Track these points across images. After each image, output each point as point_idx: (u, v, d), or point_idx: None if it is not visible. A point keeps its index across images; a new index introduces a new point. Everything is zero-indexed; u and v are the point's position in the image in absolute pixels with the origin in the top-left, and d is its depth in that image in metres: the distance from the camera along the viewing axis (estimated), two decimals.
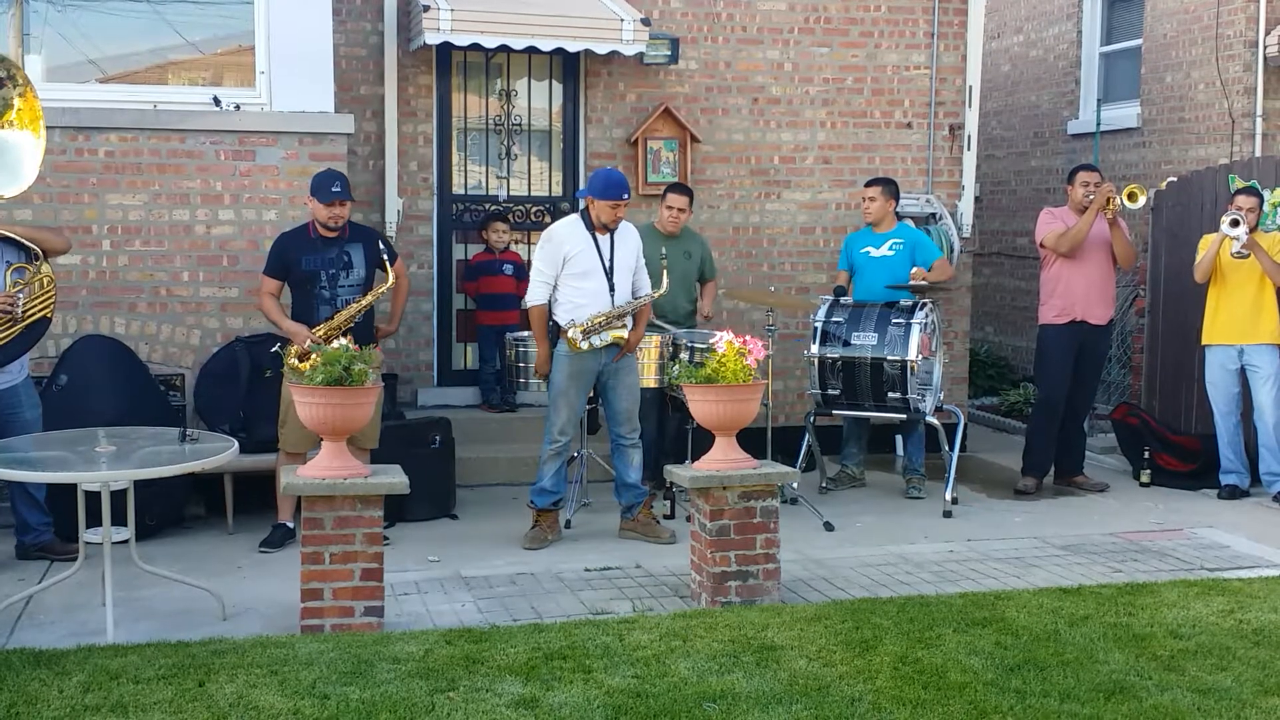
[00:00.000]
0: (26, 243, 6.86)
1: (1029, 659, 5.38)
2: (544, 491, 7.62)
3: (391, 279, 7.45)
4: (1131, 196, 8.98)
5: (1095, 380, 9.64)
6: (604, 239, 7.52)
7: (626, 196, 7.50)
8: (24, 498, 7.04)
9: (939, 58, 10.51)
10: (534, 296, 7.57)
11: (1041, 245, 9.11)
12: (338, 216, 7.30)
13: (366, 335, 7.32)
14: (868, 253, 9.00)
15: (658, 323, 8.40)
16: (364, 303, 7.36)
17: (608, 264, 7.52)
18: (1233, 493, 8.90)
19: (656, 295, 7.76)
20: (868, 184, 9.15)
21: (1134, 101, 12.58)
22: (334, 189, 7.28)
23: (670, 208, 8.69)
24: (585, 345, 7.44)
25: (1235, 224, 8.61)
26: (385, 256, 7.46)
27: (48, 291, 6.89)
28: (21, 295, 6.75)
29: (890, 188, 9.07)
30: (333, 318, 7.28)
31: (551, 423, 7.63)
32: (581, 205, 7.81)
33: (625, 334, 7.56)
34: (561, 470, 7.66)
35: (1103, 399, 11.39)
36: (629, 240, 7.66)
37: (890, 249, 8.94)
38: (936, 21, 10.48)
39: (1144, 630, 5.78)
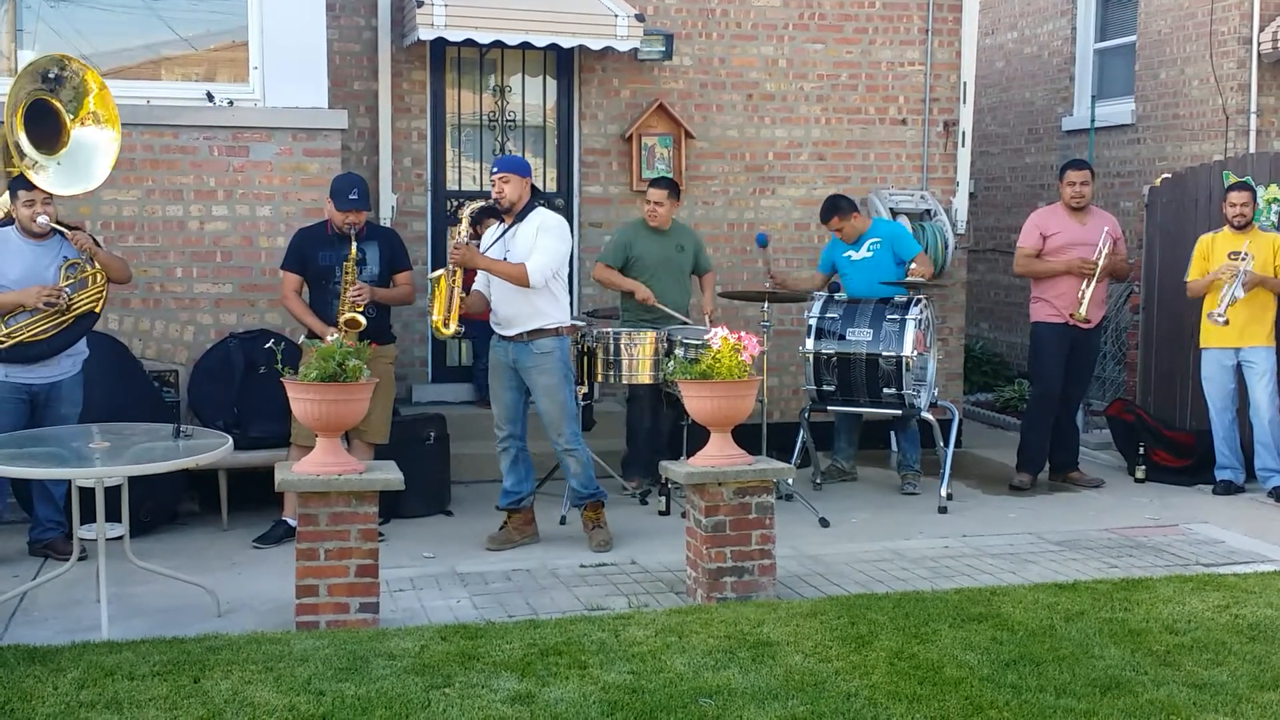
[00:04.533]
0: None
1: (1025, 654, 5.38)
2: (504, 491, 7.53)
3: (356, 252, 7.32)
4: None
5: (1089, 376, 9.67)
6: (506, 226, 7.31)
7: (496, 170, 7.29)
8: (40, 492, 7.06)
9: (933, 54, 10.51)
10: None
11: (1019, 248, 9.18)
12: (352, 223, 7.31)
13: (382, 332, 7.49)
14: (849, 257, 9.01)
15: (667, 310, 8.44)
16: (349, 279, 7.25)
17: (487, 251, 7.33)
18: (1227, 488, 8.91)
19: (528, 276, 7.20)
20: (839, 216, 8.95)
21: (1128, 98, 12.59)
22: (350, 196, 7.31)
23: (649, 202, 8.72)
24: (449, 330, 7.25)
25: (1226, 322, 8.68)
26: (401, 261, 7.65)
27: (99, 287, 6.98)
28: (69, 289, 6.84)
29: (853, 203, 9.08)
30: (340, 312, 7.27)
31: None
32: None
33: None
34: (517, 468, 7.48)
35: (1098, 395, 11.41)
36: (529, 226, 7.27)
37: (869, 250, 8.95)
38: (931, 18, 10.48)
39: (1140, 626, 5.78)
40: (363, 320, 7.15)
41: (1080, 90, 13.29)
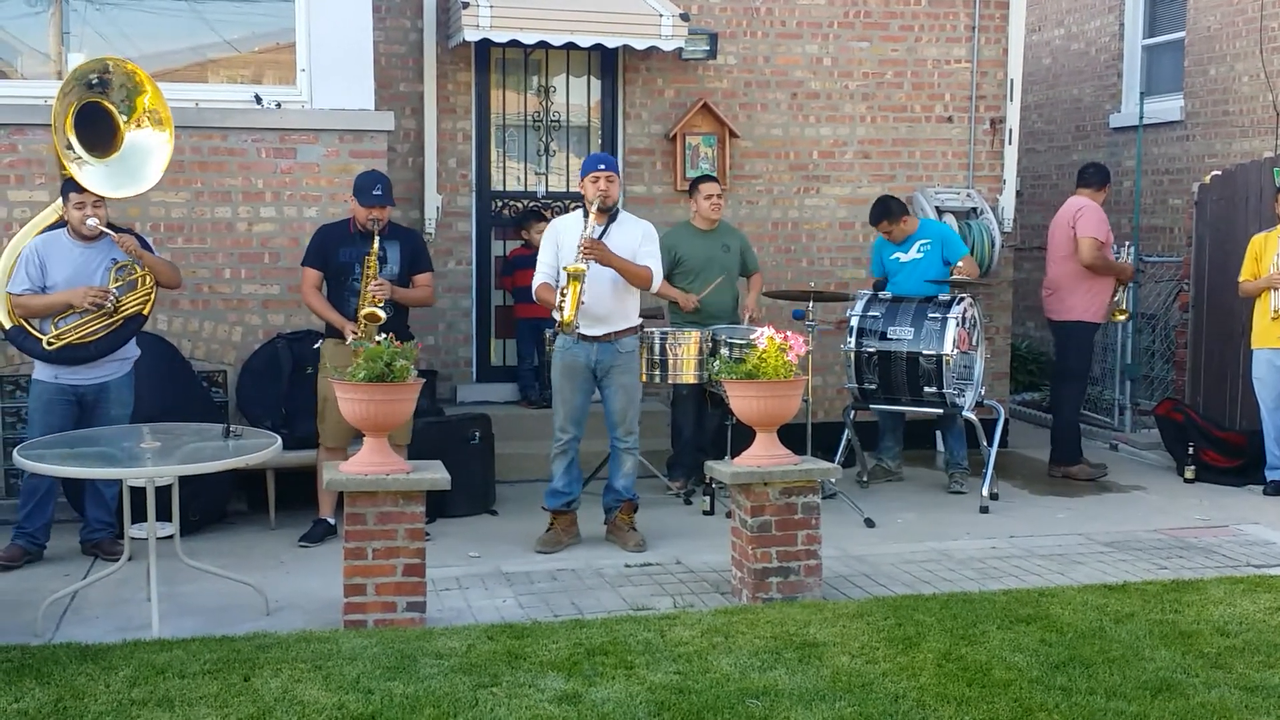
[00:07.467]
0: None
1: (1074, 656, 5.34)
2: (554, 493, 7.50)
3: (378, 251, 7.25)
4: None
5: None
6: (601, 227, 7.25)
7: (603, 168, 7.24)
8: (92, 493, 7.11)
9: (980, 51, 10.46)
10: (536, 280, 7.35)
11: (1093, 238, 9.11)
12: (377, 219, 7.29)
13: (400, 331, 7.36)
14: (898, 258, 8.97)
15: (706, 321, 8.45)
16: (369, 274, 7.22)
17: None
18: (1278, 489, 8.82)
19: (653, 280, 7.35)
20: (889, 220, 8.91)
21: (1177, 95, 12.48)
22: (375, 192, 7.27)
23: (709, 196, 8.70)
24: (568, 317, 7.02)
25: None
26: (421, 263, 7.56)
27: (147, 289, 7.00)
28: (118, 291, 6.87)
29: (904, 206, 9.03)
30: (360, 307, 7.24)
31: (553, 422, 7.51)
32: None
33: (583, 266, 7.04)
34: (571, 470, 7.47)
35: (1146, 394, 11.33)
36: (629, 229, 7.34)
37: (919, 251, 8.91)
38: (977, 15, 10.43)
39: (1190, 627, 5.73)
40: (382, 315, 7.06)
41: (1128, 87, 13.18)
